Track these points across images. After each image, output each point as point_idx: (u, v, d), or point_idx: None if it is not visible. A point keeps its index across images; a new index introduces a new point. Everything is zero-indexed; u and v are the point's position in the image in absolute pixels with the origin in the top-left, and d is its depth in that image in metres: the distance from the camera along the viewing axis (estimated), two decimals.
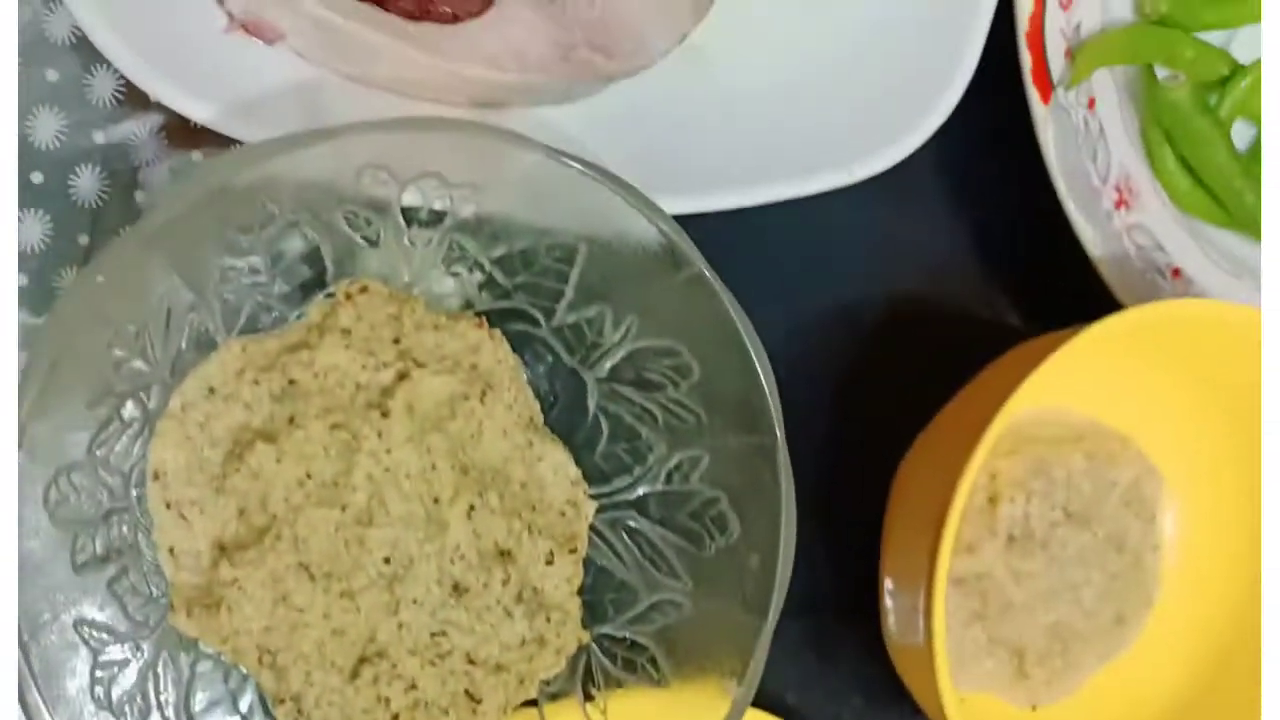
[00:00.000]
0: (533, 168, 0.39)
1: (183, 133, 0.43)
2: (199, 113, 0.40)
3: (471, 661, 0.43)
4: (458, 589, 0.42)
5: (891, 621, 0.49)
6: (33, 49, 0.42)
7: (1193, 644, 0.55)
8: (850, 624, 0.51)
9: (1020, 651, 0.52)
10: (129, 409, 0.40)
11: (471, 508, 0.42)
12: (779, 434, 0.41)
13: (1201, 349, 0.49)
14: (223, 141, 0.41)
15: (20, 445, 0.35)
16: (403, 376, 0.42)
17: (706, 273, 0.40)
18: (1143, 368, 0.52)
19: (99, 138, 0.43)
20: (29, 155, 0.42)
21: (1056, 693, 0.54)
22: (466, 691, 0.43)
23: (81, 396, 0.37)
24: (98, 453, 0.39)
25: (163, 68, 0.40)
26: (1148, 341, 0.49)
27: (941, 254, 0.53)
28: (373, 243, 0.42)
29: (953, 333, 0.54)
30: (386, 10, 0.40)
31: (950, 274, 0.53)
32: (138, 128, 0.43)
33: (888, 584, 0.49)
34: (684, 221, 0.41)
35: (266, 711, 0.42)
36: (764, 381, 0.40)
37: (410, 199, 0.41)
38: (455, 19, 0.41)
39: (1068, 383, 0.50)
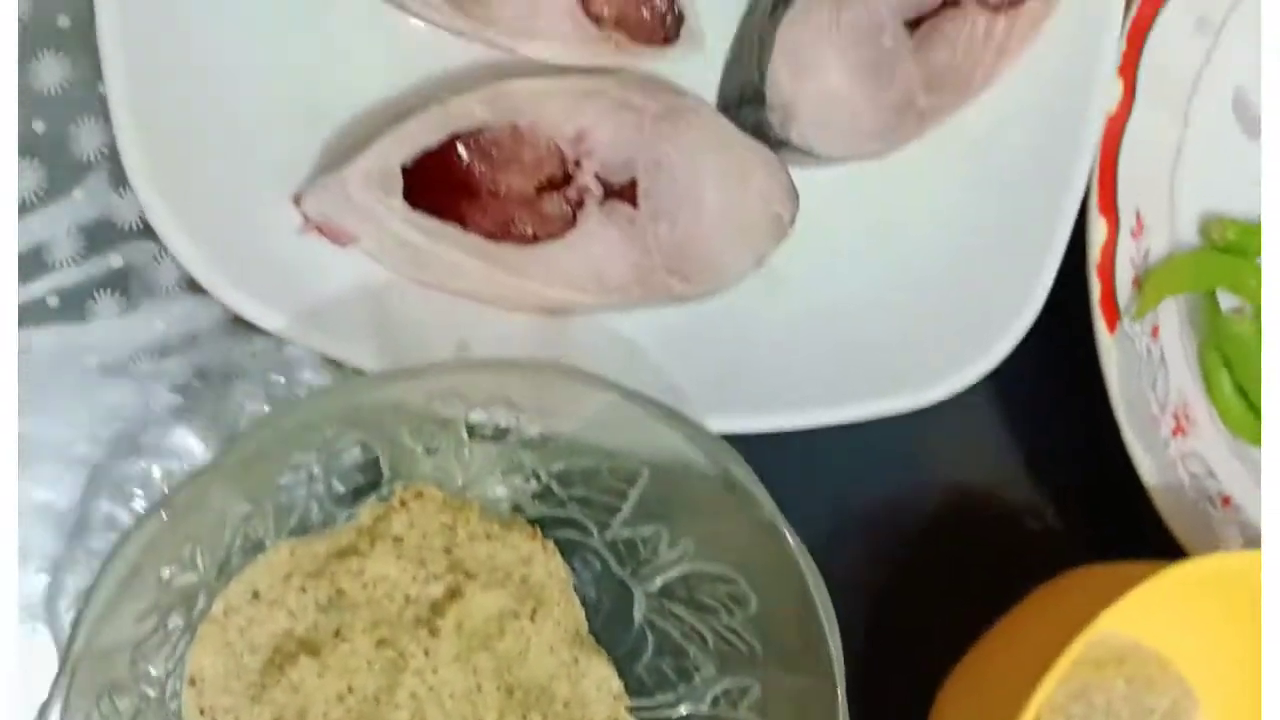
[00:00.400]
0: (605, 406, 0.38)
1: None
2: (269, 321, 0.39)
3: None
4: None
5: None
6: (99, 230, 0.41)
7: None
8: None
9: None
10: (174, 619, 0.39)
11: None
12: (840, 684, 0.40)
13: (1247, 592, 0.49)
14: None
15: (64, 668, 0.35)
16: (454, 593, 0.41)
17: (775, 518, 0.39)
18: (1192, 598, 0.51)
19: (159, 324, 0.42)
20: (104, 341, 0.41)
21: None
22: None
23: (130, 614, 0.36)
24: (140, 665, 0.38)
25: (231, 272, 0.39)
26: (1206, 583, 0.48)
27: (992, 469, 0.53)
28: (431, 451, 0.41)
29: (998, 549, 0.53)
30: (467, 231, 0.40)
31: (1000, 490, 0.53)
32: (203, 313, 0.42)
33: None
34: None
35: None
36: (827, 629, 0.40)
37: (476, 417, 0.40)
38: (535, 239, 0.40)
39: (1119, 609, 0.49)
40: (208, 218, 0.39)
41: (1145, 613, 0.52)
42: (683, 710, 0.45)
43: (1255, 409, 0.54)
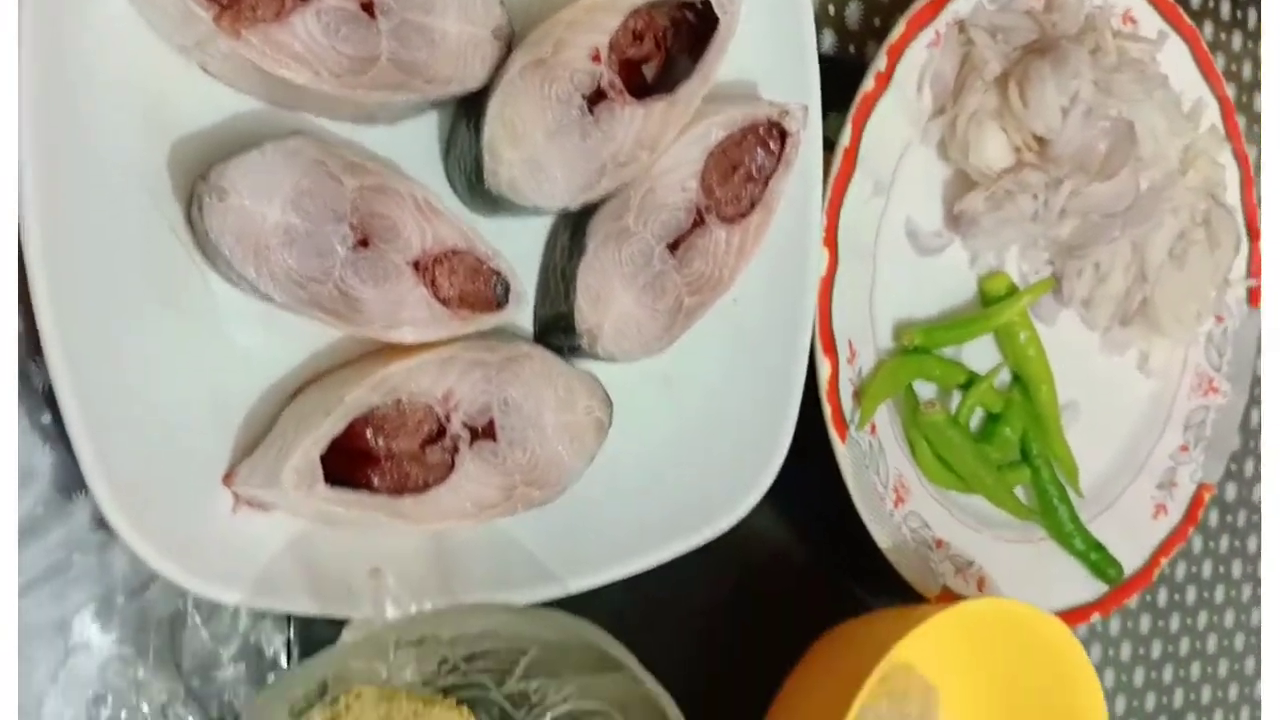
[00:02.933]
0: (503, 618, 0.50)
1: None
2: (228, 597, 0.49)
3: None
4: None
5: None
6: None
7: None
8: None
9: None
10: None
11: None
12: None
13: (970, 628, 0.65)
14: None
15: None
16: None
17: (639, 672, 0.52)
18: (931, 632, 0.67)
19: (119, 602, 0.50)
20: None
21: None
22: None
23: None
24: None
25: (190, 565, 0.48)
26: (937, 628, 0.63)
27: (769, 556, 0.67)
28: (366, 660, 0.52)
29: (780, 611, 0.67)
30: (374, 493, 0.50)
31: (775, 568, 0.67)
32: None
33: None
34: None
35: None
36: None
37: (393, 613, 0.51)
38: (426, 486, 0.51)
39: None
40: (164, 523, 0.47)
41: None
42: None
43: (950, 468, 0.70)
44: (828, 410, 0.64)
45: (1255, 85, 0.87)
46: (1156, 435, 0.81)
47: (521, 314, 0.56)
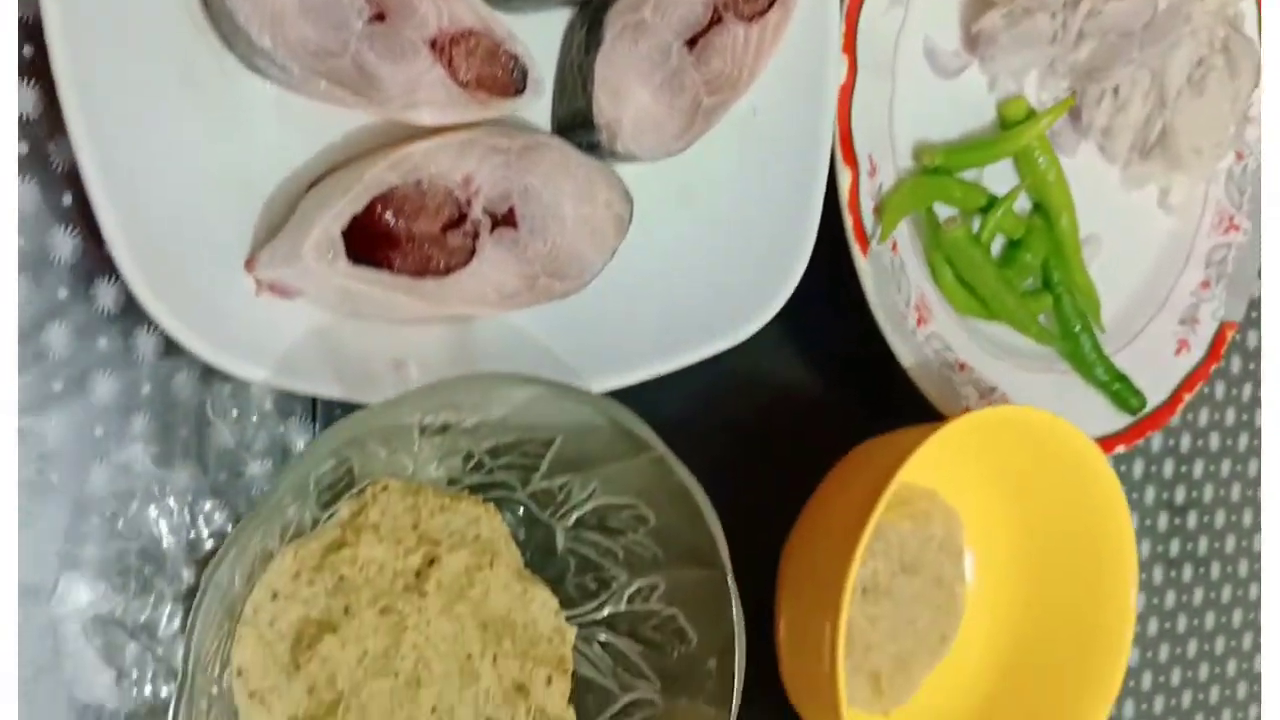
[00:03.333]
0: (528, 396, 0.49)
1: None
2: (252, 374, 0.48)
3: None
4: None
5: (788, 665, 0.63)
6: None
7: (989, 644, 0.71)
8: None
9: (875, 675, 0.67)
10: (225, 628, 0.48)
11: (495, 657, 0.53)
12: (728, 571, 0.52)
13: (989, 439, 0.64)
14: None
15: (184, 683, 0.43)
16: (431, 560, 0.51)
17: (665, 454, 0.51)
18: (950, 446, 0.67)
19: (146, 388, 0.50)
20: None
21: (901, 700, 0.69)
22: None
23: (210, 630, 0.45)
24: (209, 670, 0.47)
25: (216, 340, 0.47)
26: (959, 437, 0.63)
27: (791, 377, 0.67)
28: (391, 452, 0.51)
29: (806, 433, 0.67)
30: (396, 274, 0.49)
31: (799, 390, 0.67)
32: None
33: (784, 632, 0.62)
34: None
35: None
36: (715, 534, 0.52)
37: (428, 420, 0.50)
38: (447, 270, 0.50)
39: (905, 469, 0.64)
40: (190, 300, 0.47)
41: (918, 464, 0.67)
42: (606, 611, 0.57)
43: (974, 293, 0.70)
44: (849, 221, 0.63)
45: None
46: (1178, 272, 0.80)
47: (538, 109, 0.55)
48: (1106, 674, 0.68)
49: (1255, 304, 0.87)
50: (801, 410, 0.67)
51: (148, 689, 0.51)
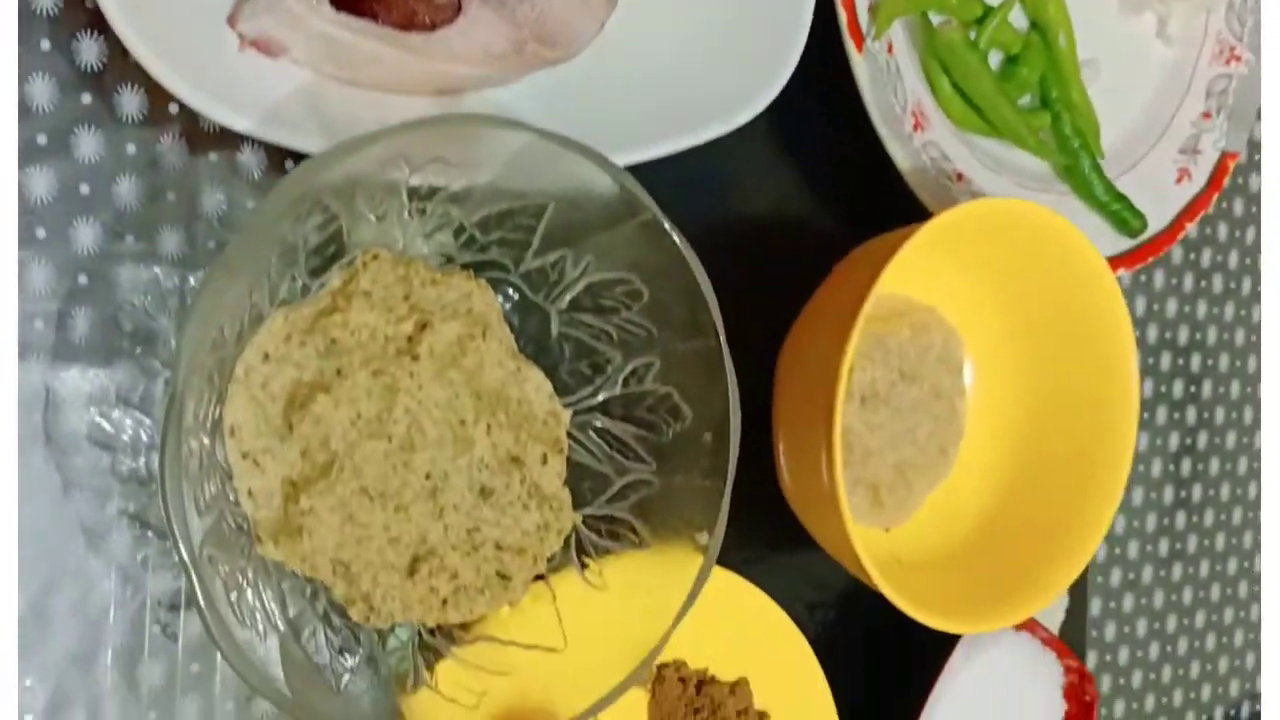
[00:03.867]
0: (521, 146, 0.49)
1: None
2: (237, 124, 0.48)
3: (500, 548, 0.53)
4: (484, 492, 0.52)
5: (789, 474, 0.62)
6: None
7: (991, 463, 0.70)
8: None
9: (875, 487, 0.67)
10: (215, 384, 0.47)
11: (489, 426, 0.52)
12: (721, 337, 0.52)
13: (984, 236, 0.64)
14: None
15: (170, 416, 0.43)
16: (423, 326, 0.51)
17: (659, 216, 0.51)
18: (938, 255, 0.66)
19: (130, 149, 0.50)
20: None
21: (902, 516, 0.69)
22: (498, 573, 0.53)
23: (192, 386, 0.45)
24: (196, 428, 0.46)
25: (204, 87, 0.47)
26: (949, 234, 0.62)
27: (783, 180, 0.66)
28: (380, 219, 0.51)
29: (800, 238, 0.66)
30: (381, 24, 0.49)
31: (791, 194, 0.66)
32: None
33: (783, 442, 0.62)
34: None
35: (341, 611, 0.51)
36: (709, 299, 0.51)
37: (415, 180, 0.50)
38: (433, 26, 0.50)
39: (893, 274, 0.63)
40: (177, 51, 0.46)
41: (912, 272, 0.66)
42: (601, 397, 0.56)
43: (971, 105, 0.69)
44: (843, 17, 0.62)
45: None
46: (1178, 101, 0.79)
47: None
48: (1106, 492, 0.67)
49: (1257, 146, 0.86)
50: (795, 217, 0.67)
51: (140, 460, 0.51)
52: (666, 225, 0.51)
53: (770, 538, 0.66)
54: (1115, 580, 0.82)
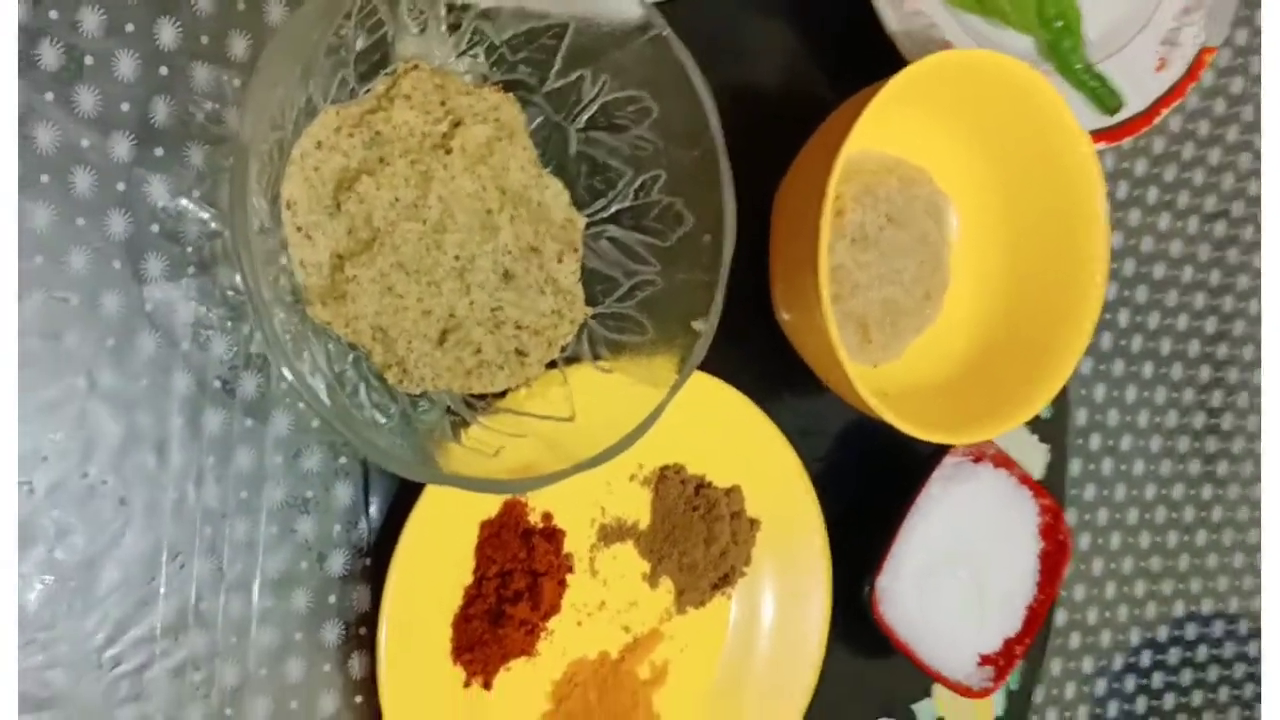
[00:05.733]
0: None
1: None
2: None
3: (519, 327, 0.60)
4: (507, 275, 0.59)
5: (784, 308, 0.69)
6: None
7: (975, 315, 0.77)
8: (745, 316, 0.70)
9: (864, 323, 0.73)
10: (276, 159, 0.54)
11: (512, 217, 0.59)
12: (719, 143, 0.59)
13: (963, 93, 0.70)
14: None
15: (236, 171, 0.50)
16: (456, 124, 0.58)
17: (666, 31, 0.58)
18: (927, 117, 0.73)
19: None
20: None
21: (890, 355, 0.75)
22: (517, 350, 0.60)
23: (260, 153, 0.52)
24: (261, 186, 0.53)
25: None
26: (930, 91, 0.68)
27: (780, 44, 0.73)
28: (421, 31, 0.58)
29: (797, 94, 0.73)
30: None
31: (793, 59, 0.73)
32: None
33: (779, 283, 0.69)
34: None
35: (379, 377, 0.58)
36: (707, 106, 0.58)
37: None
38: None
39: (881, 131, 0.70)
40: None
41: (898, 129, 0.73)
42: (613, 209, 0.63)
43: None
44: None
45: None
46: None
47: None
48: (1077, 332, 0.73)
49: (1240, 50, 0.92)
50: (797, 77, 0.74)
51: (205, 244, 0.58)
52: (673, 39, 0.58)
53: (771, 369, 0.72)
54: (1095, 445, 0.88)
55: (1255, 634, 0.96)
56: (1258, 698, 0.96)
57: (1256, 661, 0.96)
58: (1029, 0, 0.78)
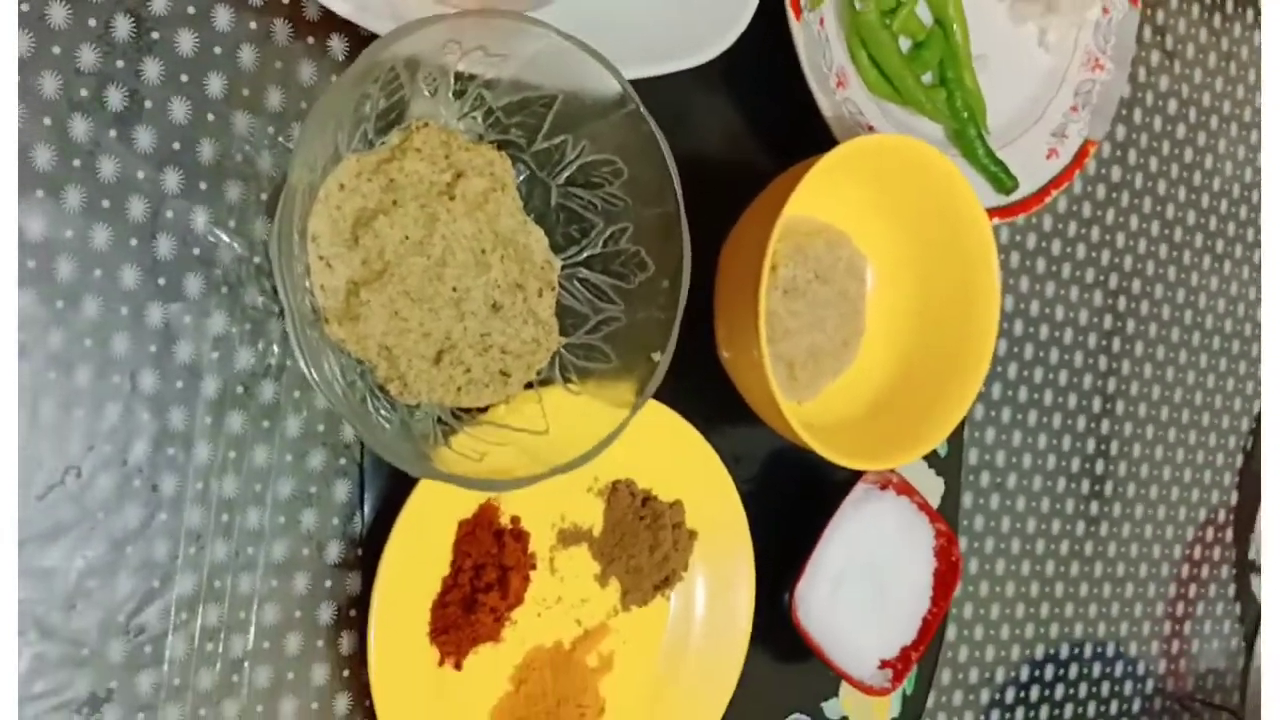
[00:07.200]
0: (544, 43, 0.66)
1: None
2: (341, 8, 0.65)
3: (504, 352, 0.70)
4: (495, 306, 0.69)
5: (726, 349, 0.80)
6: None
7: (884, 361, 0.88)
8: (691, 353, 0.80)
9: (791, 364, 0.84)
10: (307, 199, 0.64)
11: (502, 256, 0.69)
12: (680, 204, 0.69)
13: (884, 170, 0.82)
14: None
15: (284, 204, 0.59)
16: (458, 175, 0.68)
17: (640, 107, 0.68)
18: (852, 189, 0.84)
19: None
20: None
21: (812, 393, 0.86)
22: (501, 371, 0.70)
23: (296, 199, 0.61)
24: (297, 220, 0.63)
25: None
26: (856, 167, 0.80)
27: (729, 123, 0.84)
28: (432, 94, 0.68)
29: (745, 168, 0.84)
30: None
31: (733, 133, 0.84)
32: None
33: (721, 326, 0.79)
34: None
35: (382, 389, 0.67)
36: (672, 172, 0.69)
37: (461, 66, 0.67)
38: None
39: (813, 199, 0.81)
40: None
41: (826, 198, 0.84)
42: (586, 253, 0.73)
43: (883, 75, 0.88)
44: None
45: None
46: (1052, 95, 0.98)
47: None
48: (971, 378, 0.85)
49: (1119, 145, 1.06)
50: (739, 150, 0.85)
51: (241, 265, 0.67)
52: (645, 116, 0.68)
53: (711, 401, 0.83)
54: (984, 481, 0.99)
55: (1119, 656, 1.08)
56: (1123, 713, 1.08)
57: (1121, 680, 1.08)
58: (941, 94, 0.91)
